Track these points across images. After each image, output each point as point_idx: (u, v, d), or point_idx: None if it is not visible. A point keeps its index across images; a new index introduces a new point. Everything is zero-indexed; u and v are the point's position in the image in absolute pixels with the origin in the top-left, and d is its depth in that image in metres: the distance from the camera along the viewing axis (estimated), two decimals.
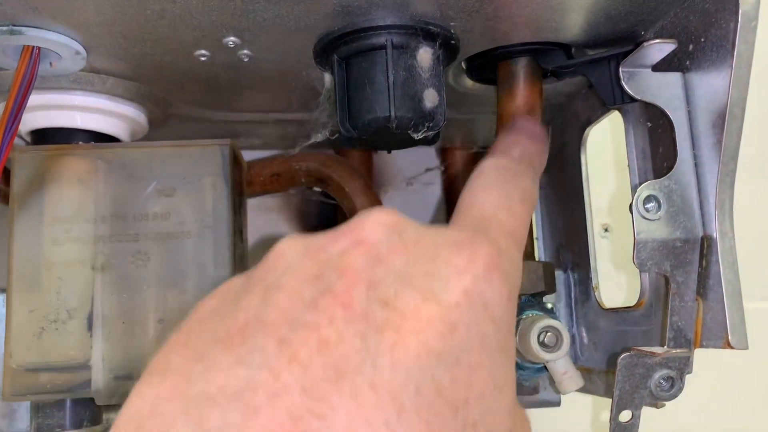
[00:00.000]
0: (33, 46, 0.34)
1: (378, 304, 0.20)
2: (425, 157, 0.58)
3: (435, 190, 0.60)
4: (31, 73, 0.35)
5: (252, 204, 0.53)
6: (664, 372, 0.32)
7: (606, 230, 0.63)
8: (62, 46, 0.34)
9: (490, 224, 0.25)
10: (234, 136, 0.51)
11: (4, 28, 0.32)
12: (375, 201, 0.49)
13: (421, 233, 0.23)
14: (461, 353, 0.20)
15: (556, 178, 0.50)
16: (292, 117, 0.48)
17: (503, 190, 0.27)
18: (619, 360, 0.33)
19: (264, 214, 0.57)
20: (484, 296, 0.21)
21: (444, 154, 0.60)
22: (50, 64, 0.35)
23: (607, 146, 0.61)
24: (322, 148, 0.57)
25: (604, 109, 0.43)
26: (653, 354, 0.32)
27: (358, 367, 0.18)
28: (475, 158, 0.59)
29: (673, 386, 0.33)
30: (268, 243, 0.26)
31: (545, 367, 0.40)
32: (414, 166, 0.57)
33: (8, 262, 0.39)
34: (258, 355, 0.18)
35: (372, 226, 0.22)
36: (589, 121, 0.45)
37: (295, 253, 0.22)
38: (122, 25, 0.32)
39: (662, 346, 0.33)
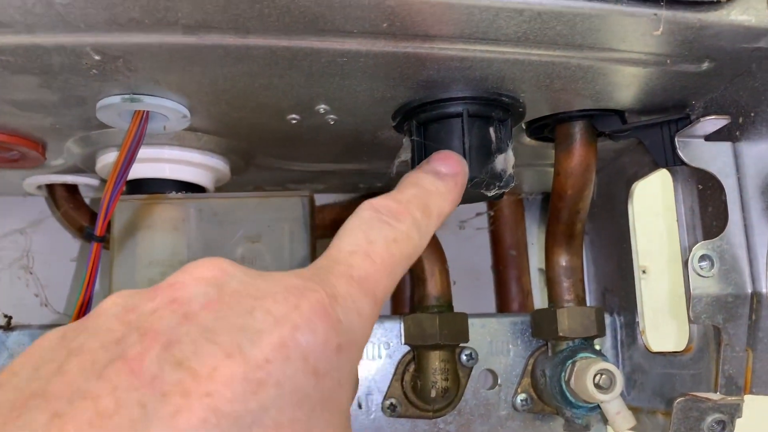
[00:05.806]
0: (143, 111, 0.38)
1: (170, 366, 0.18)
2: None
3: (487, 234, 0.64)
4: (140, 134, 0.39)
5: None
6: (717, 416, 0.35)
7: (644, 272, 0.66)
8: (172, 110, 0.38)
9: (336, 267, 0.23)
10: (301, 183, 0.55)
11: (126, 97, 0.36)
12: (433, 243, 0.52)
13: (248, 284, 0.21)
14: (266, 413, 0.18)
15: (603, 226, 0.54)
16: (356, 168, 0.52)
17: (367, 234, 0.25)
18: (675, 404, 0.36)
19: None
20: (305, 347, 0.20)
21: None
22: (164, 127, 0.39)
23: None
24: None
25: (652, 167, 0.46)
26: (707, 399, 0.35)
27: None
28: (520, 204, 0.62)
29: (725, 429, 0.36)
30: None
31: (598, 407, 0.43)
32: (466, 210, 0.60)
33: None
34: None
35: (189, 281, 0.21)
36: (636, 176, 0.48)
37: (111, 313, 0.21)
38: (230, 94, 0.36)
39: (714, 391, 0.36)
